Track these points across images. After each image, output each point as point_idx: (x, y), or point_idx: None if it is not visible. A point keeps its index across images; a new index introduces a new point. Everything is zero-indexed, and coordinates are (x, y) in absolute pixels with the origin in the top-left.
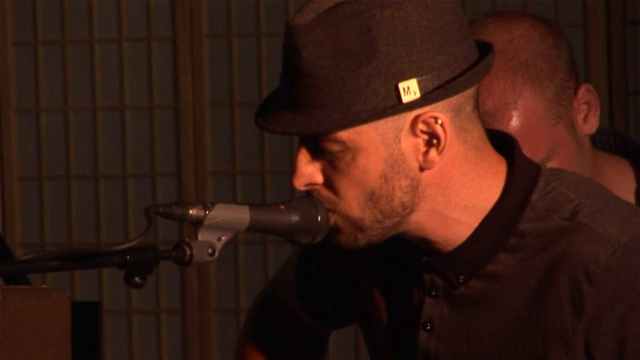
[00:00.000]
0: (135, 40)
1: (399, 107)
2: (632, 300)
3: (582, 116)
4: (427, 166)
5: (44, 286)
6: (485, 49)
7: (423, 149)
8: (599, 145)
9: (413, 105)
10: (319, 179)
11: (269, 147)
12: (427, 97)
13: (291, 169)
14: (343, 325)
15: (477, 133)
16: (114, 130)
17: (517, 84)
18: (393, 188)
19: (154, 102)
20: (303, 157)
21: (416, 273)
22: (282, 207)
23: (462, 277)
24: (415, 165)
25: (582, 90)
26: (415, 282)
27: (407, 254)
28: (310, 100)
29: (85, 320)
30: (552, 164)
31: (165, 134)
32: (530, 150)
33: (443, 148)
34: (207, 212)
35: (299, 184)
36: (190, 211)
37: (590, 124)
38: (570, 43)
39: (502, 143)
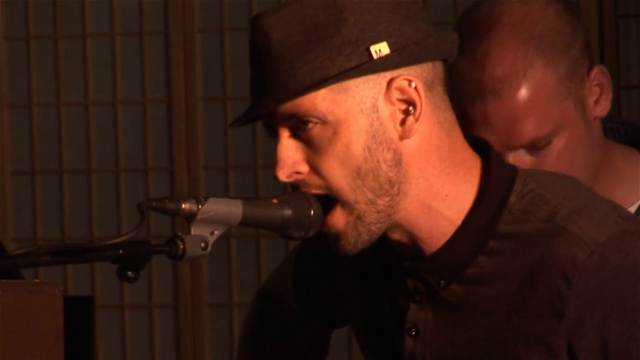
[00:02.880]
0: (128, 34)
1: (372, 62)
2: (612, 300)
3: (594, 99)
4: (406, 135)
5: (36, 281)
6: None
7: (400, 116)
8: (609, 135)
9: (386, 62)
10: (303, 167)
11: (261, 142)
12: (401, 53)
13: None
14: (338, 326)
15: (449, 115)
16: (106, 124)
17: (528, 53)
18: (378, 161)
19: (147, 97)
20: (283, 148)
21: (400, 279)
22: (274, 201)
23: (442, 281)
24: (395, 136)
25: (595, 71)
26: (399, 289)
27: (391, 260)
28: (283, 77)
29: (78, 315)
30: (558, 140)
31: (158, 129)
32: (536, 122)
33: (420, 113)
34: (199, 207)
35: (283, 174)
36: (183, 205)
37: (602, 107)
38: (587, 26)
39: (477, 145)
